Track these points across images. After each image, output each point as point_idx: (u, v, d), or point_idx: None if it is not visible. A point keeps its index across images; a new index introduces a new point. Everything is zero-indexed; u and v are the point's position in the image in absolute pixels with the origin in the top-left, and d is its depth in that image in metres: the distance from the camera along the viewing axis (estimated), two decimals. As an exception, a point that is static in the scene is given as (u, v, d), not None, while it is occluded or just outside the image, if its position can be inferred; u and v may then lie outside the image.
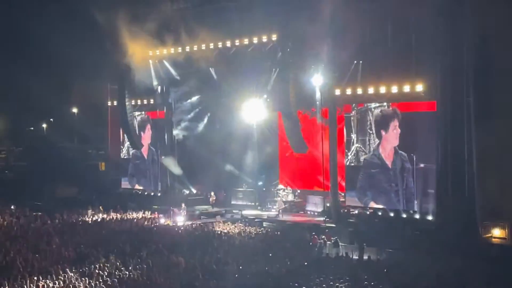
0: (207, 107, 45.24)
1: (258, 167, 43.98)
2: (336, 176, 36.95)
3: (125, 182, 49.34)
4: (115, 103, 48.36)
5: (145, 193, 47.43)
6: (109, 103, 50.30)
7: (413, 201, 33.70)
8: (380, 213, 34.75)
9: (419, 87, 33.09)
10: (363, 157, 35.94)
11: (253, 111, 42.43)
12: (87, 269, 24.33)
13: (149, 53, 44.20)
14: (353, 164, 36.48)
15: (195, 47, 42.04)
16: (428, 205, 33.03)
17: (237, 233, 33.05)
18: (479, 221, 30.63)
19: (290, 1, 36.22)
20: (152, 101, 47.03)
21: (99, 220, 38.14)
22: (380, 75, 34.53)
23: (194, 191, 46.18)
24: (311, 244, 31.24)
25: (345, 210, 36.35)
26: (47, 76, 51.72)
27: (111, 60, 45.24)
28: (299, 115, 39.35)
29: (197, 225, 36.34)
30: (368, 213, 35.28)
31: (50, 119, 66.49)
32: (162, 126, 46.62)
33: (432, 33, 31.88)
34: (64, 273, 23.44)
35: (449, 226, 30.90)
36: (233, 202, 43.85)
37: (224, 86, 43.29)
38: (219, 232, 33.34)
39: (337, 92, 36.34)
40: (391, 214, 34.30)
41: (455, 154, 31.75)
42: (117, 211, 40.78)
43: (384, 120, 35.09)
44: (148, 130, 47.76)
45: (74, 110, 61.45)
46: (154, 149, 47.38)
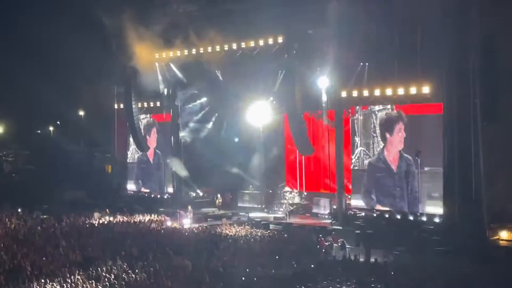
0: (214, 109, 45.35)
1: (264, 169, 43.99)
2: (343, 179, 36.89)
3: (131, 185, 49.44)
4: (122, 106, 48.50)
5: (152, 196, 47.46)
6: (116, 106, 50.38)
7: (418, 205, 33.58)
8: (386, 216, 34.68)
9: (426, 89, 33.02)
10: (367, 161, 35.86)
11: (260, 113, 42.37)
12: (94, 272, 24.28)
13: (156, 55, 44.29)
14: (357, 168, 36.42)
15: (202, 50, 42.09)
16: (434, 208, 32.90)
17: (244, 236, 32.92)
18: (486, 223, 30.52)
19: (297, 3, 36.21)
20: (158, 103, 47.11)
21: (106, 223, 38.12)
22: (386, 77, 34.49)
23: (201, 194, 46.18)
24: (318, 247, 31.17)
25: (352, 213, 36.32)
26: (53, 79, 51.75)
27: (118, 63, 45.46)
28: (305, 117, 39.34)
29: (204, 227, 36.28)
30: (375, 215, 35.21)
31: (57, 122, 66.51)
32: (168, 128, 46.69)
33: (439, 34, 31.79)
34: (71, 276, 23.42)
35: (456, 228, 30.82)
36: (239, 204, 43.88)
37: (231, 88, 43.36)
38: (225, 234, 33.29)
39: (343, 94, 36.30)
40: (398, 217, 34.23)
41: (462, 156, 31.64)
42: (124, 214, 40.75)
43: (389, 123, 35.04)
44: (153, 133, 47.81)
45: (81, 113, 61.51)
46: (160, 152, 47.43)
